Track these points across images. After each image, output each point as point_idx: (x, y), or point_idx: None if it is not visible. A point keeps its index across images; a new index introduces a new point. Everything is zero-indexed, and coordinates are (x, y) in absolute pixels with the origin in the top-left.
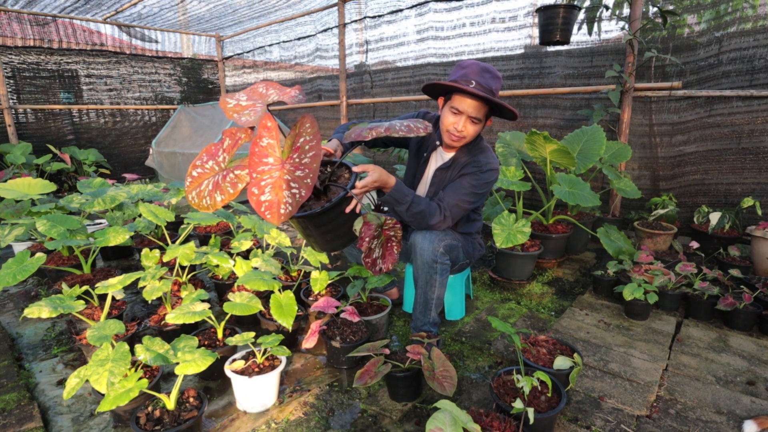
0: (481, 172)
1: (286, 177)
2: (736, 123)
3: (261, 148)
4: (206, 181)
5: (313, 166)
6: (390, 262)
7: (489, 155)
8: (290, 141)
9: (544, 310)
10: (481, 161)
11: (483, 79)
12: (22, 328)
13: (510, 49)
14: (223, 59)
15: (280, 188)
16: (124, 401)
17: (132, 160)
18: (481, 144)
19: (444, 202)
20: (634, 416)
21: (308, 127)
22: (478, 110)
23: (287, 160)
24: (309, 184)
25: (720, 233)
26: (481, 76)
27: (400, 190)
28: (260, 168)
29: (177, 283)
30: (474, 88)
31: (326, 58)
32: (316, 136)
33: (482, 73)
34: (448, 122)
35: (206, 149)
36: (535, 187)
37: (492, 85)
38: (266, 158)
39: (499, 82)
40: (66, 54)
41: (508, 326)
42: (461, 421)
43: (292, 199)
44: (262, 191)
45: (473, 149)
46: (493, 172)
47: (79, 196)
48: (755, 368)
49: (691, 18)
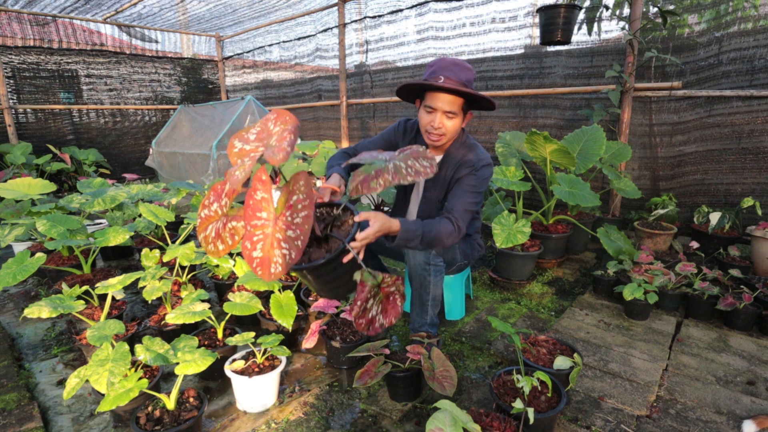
0: (476, 170)
1: (277, 235)
2: (736, 123)
3: (255, 202)
4: (211, 226)
5: (304, 228)
6: (393, 316)
7: (478, 151)
8: (284, 197)
9: (544, 310)
10: (473, 160)
11: (451, 73)
12: (22, 328)
13: (510, 49)
14: (223, 59)
15: (271, 246)
16: (124, 401)
17: (132, 160)
18: (467, 141)
19: (453, 213)
20: (634, 416)
21: (302, 185)
22: (452, 104)
23: (280, 217)
24: (299, 246)
25: (720, 233)
26: (449, 70)
27: (407, 230)
28: (254, 222)
29: (177, 283)
30: (443, 83)
31: (326, 58)
32: (310, 196)
33: (450, 66)
34: (424, 122)
35: (213, 188)
36: (535, 187)
37: (462, 76)
38: (260, 212)
39: (469, 72)
40: (66, 54)
41: (508, 326)
42: (461, 421)
43: (282, 259)
44: (254, 247)
45: (460, 148)
46: (488, 167)
47: (79, 196)
48: (755, 368)
49: (692, 18)
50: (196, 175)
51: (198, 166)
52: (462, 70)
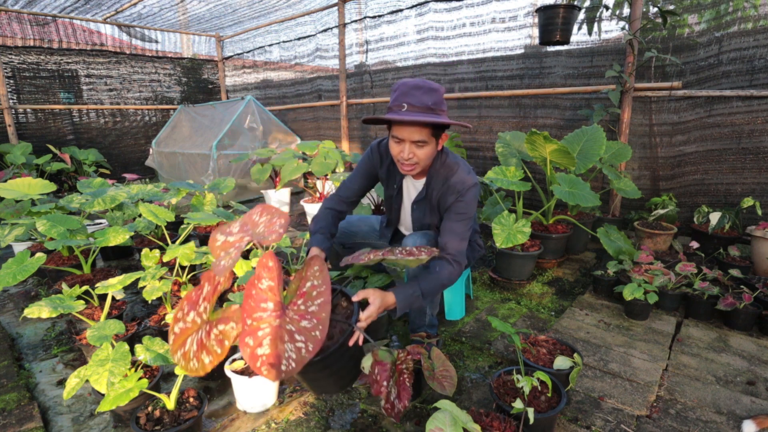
0: (463, 196)
1: (289, 327)
2: (736, 123)
3: (259, 291)
4: (190, 339)
5: (322, 316)
6: (406, 399)
7: (461, 172)
8: (295, 285)
9: (544, 310)
10: (457, 186)
11: (415, 98)
12: (22, 328)
13: (510, 49)
14: (223, 59)
15: (281, 340)
16: (124, 401)
17: (132, 160)
18: (447, 161)
19: (448, 250)
20: (634, 416)
21: (316, 270)
22: (419, 133)
23: (290, 306)
24: (318, 337)
25: (720, 233)
26: (412, 96)
27: (406, 298)
28: (257, 314)
29: (177, 283)
30: (405, 113)
31: (326, 58)
32: (326, 282)
33: (412, 91)
34: (394, 152)
35: (186, 296)
36: (535, 187)
37: (427, 100)
38: (264, 303)
39: (436, 94)
40: (66, 54)
41: (508, 326)
42: (461, 421)
43: (296, 354)
44: (259, 343)
45: (441, 169)
46: (473, 188)
47: (79, 196)
48: (755, 368)
49: (692, 18)
50: (196, 175)
51: (198, 166)
52: (426, 93)
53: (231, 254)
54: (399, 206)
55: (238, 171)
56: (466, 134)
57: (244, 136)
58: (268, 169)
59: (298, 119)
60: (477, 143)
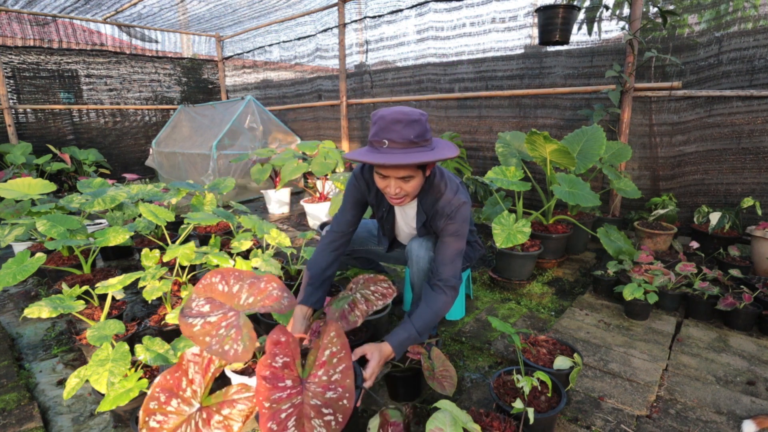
0: (452, 219)
1: (313, 402)
2: (736, 123)
3: (275, 371)
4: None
5: (346, 383)
6: None
7: (448, 194)
8: (312, 356)
9: (544, 310)
10: (445, 209)
11: (395, 134)
12: (22, 328)
13: (510, 49)
14: (223, 59)
15: (307, 418)
16: (124, 401)
17: (132, 160)
18: (434, 182)
19: (441, 277)
20: (634, 416)
21: (333, 336)
22: (404, 170)
23: (310, 379)
24: (347, 405)
25: (720, 233)
26: (392, 131)
27: (402, 343)
28: (275, 395)
29: (177, 283)
30: (386, 150)
31: (326, 58)
32: (345, 347)
33: (392, 126)
34: (380, 186)
35: (158, 383)
36: (535, 187)
37: (409, 134)
38: (282, 381)
39: (417, 125)
40: (66, 54)
41: (508, 326)
42: (461, 421)
43: (326, 428)
44: (283, 426)
45: (430, 192)
46: (462, 207)
47: (79, 196)
48: (755, 368)
49: (692, 18)
50: (196, 175)
51: (198, 166)
52: (408, 126)
53: (231, 334)
54: (392, 226)
55: (238, 171)
56: (466, 134)
57: (244, 136)
58: (268, 169)
59: (298, 119)
60: (477, 143)
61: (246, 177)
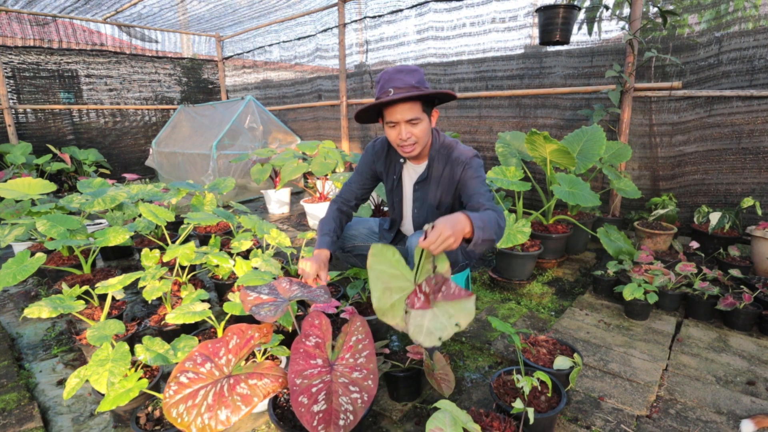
0: (469, 165)
1: (342, 380)
2: (736, 123)
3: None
4: (203, 391)
5: (370, 366)
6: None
7: (460, 147)
8: (341, 340)
9: (544, 310)
10: (461, 158)
11: (399, 81)
12: (22, 328)
13: (510, 49)
14: (223, 59)
15: (335, 394)
16: (124, 401)
17: (132, 160)
18: (445, 141)
19: (483, 204)
20: (634, 416)
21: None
22: (411, 110)
23: (338, 361)
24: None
25: (720, 233)
26: (396, 80)
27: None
28: (308, 371)
29: (177, 283)
30: (393, 96)
31: (326, 58)
32: (368, 335)
33: (395, 75)
34: (392, 137)
35: (200, 347)
36: (535, 187)
37: (410, 80)
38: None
39: (417, 74)
40: (66, 54)
41: (508, 326)
42: (461, 421)
43: (353, 405)
44: (314, 400)
45: (441, 149)
46: (476, 157)
47: (79, 196)
48: (755, 368)
49: (692, 18)
50: (196, 175)
51: (198, 166)
52: (408, 74)
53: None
54: (400, 198)
55: (238, 171)
56: (466, 134)
57: (244, 136)
58: (268, 169)
59: (298, 119)
60: (477, 143)
61: (246, 177)
